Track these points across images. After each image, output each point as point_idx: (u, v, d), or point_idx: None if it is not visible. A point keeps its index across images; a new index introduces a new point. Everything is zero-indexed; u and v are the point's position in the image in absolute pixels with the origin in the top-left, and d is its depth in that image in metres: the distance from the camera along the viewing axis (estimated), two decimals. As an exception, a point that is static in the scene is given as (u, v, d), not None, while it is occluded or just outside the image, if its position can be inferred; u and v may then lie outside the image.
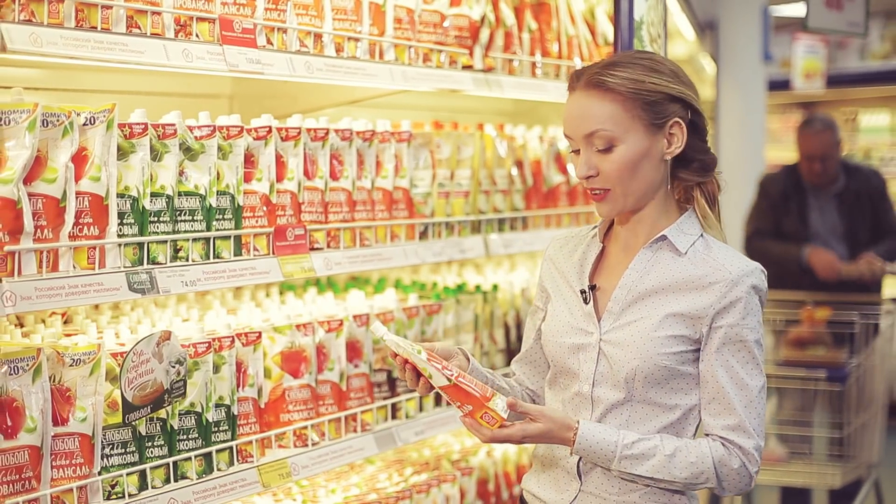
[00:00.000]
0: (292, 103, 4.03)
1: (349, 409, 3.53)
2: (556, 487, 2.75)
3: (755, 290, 2.61)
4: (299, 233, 3.30)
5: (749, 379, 2.60)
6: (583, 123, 2.61)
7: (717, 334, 2.59)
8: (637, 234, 2.71)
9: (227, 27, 3.07)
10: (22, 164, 2.59)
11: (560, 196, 4.49)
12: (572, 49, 4.48)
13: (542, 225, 4.39)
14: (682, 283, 2.63)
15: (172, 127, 2.98)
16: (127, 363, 2.80)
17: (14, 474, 2.62)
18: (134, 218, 2.88)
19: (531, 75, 4.25)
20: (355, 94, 4.04)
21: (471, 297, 4.08)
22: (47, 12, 2.65)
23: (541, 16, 4.33)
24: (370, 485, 3.90)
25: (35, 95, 3.02)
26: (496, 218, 4.13)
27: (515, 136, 4.35)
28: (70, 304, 2.69)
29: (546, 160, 4.44)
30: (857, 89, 12.69)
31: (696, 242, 2.68)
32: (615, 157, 2.60)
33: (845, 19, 7.20)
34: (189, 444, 3.05)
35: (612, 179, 2.61)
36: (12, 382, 2.65)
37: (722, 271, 2.60)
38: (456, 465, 4.22)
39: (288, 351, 3.35)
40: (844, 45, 12.69)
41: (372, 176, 3.60)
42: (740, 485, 2.60)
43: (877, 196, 6.78)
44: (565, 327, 2.74)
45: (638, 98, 2.61)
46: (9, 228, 2.57)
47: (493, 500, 4.26)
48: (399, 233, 3.69)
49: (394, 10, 3.62)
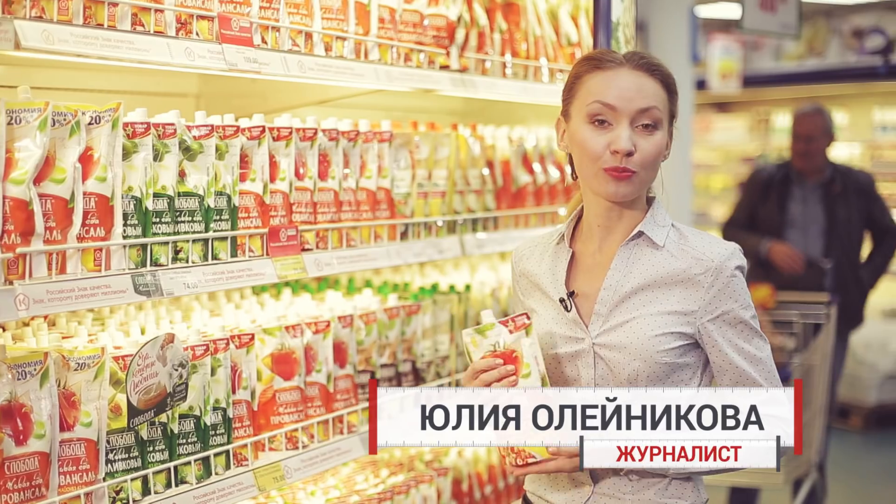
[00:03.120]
0: (261, 103, 3.99)
1: (336, 410, 3.51)
2: (566, 490, 2.73)
3: (737, 269, 2.64)
4: (291, 233, 3.27)
5: (758, 351, 2.64)
6: (639, 97, 2.61)
7: (716, 325, 2.61)
8: (614, 232, 2.71)
9: (225, 25, 3.03)
10: (34, 163, 2.53)
11: (527, 196, 4.51)
12: (539, 49, 4.49)
13: (512, 225, 4.39)
14: (666, 277, 2.64)
15: (172, 127, 2.94)
16: (133, 367, 2.75)
17: (24, 482, 2.57)
18: (137, 219, 2.83)
19: (501, 75, 4.26)
20: (328, 93, 4.01)
21: (447, 297, 4.08)
22: (57, 9, 2.59)
23: (510, 16, 4.34)
24: (349, 486, 3.87)
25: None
26: (470, 218, 4.13)
27: (485, 136, 4.35)
28: (79, 307, 2.63)
29: (515, 160, 4.45)
30: (772, 90, 12.92)
31: (669, 233, 2.69)
32: (655, 140, 2.62)
33: (778, 21, 7.33)
34: (188, 448, 3.00)
35: (646, 162, 2.61)
36: (20, 388, 2.59)
37: (704, 261, 2.62)
38: (430, 466, 4.22)
39: (278, 353, 3.32)
40: (759, 47, 12.90)
41: (356, 176, 3.58)
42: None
43: (869, 195, 6.88)
44: (554, 338, 2.72)
45: (673, 93, 2.68)
46: (21, 230, 2.51)
47: (467, 501, 4.26)
48: (382, 233, 3.67)
49: (377, 9, 3.61)
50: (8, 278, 2.49)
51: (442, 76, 3.89)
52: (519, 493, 4.52)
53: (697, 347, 2.66)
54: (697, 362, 2.67)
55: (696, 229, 2.74)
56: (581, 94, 2.67)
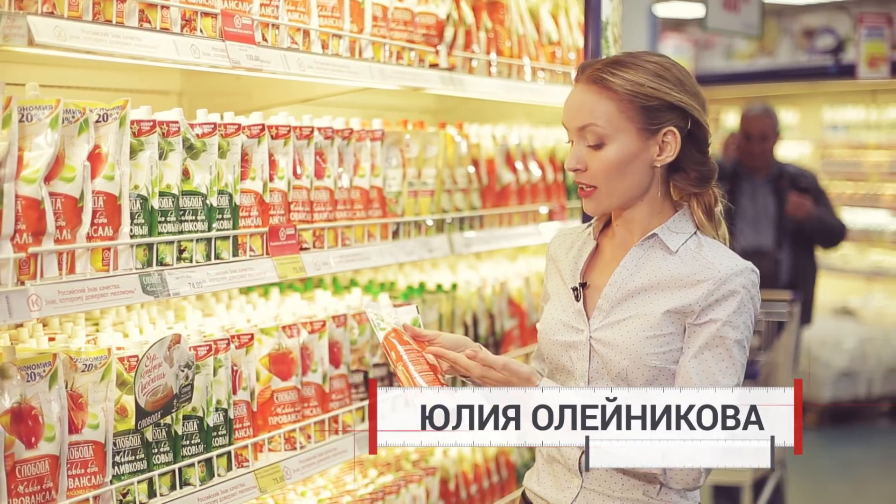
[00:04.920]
0: (245, 101, 3.95)
1: (331, 410, 3.48)
2: (558, 485, 2.74)
3: (745, 289, 2.59)
4: (290, 233, 3.25)
5: (721, 377, 2.57)
6: (577, 116, 2.62)
7: (699, 330, 2.58)
8: (632, 232, 2.72)
9: (228, 22, 2.99)
10: (45, 162, 2.48)
11: (510, 195, 4.51)
12: (522, 48, 4.49)
13: (497, 223, 4.39)
14: (671, 280, 2.63)
15: (176, 125, 2.90)
16: (141, 368, 2.72)
17: (35, 485, 2.52)
18: (144, 218, 2.79)
19: (487, 74, 4.25)
20: (314, 91, 3.99)
21: (435, 296, 4.07)
22: (67, 4, 2.55)
23: (495, 14, 4.33)
24: (339, 487, 3.85)
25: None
26: (458, 217, 4.12)
27: (470, 135, 4.34)
28: (89, 308, 2.59)
29: (499, 159, 4.45)
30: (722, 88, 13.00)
31: (688, 241, 2.67)
32: (603, 156, 2.61)
33: (741, 21, 7.40)
34: (192, 449, 2.97)
35: (598, 177, 2.62)
36: (29, 390, 2.55)
37: (711, 269, 2.60)
38: (417, 466, 4.21)
39: (275, 353, 3.29)
40: (710, 46, 13.00)
41: (350, 175, 3.56)
42: (689, 481, 2.57)
43: (815, 190, 7.11)
44: (557, 324, 2.74)
45: (635, 100, 2.60)
46: (33, 229, 2.46)
47: (454, 500, 4.25)
48: (374, 232, 3.66)
49: (371, 7, 3.59)
50: (20, 279, 2.45)
51: (432, 74, 3.88)
52: (503, 492, 4.53)
53: None
54: None
55: (720, 244, 2.70)
56: None
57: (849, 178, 12.10)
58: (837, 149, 12.48)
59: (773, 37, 12.35)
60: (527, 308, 4.68)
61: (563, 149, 5.03)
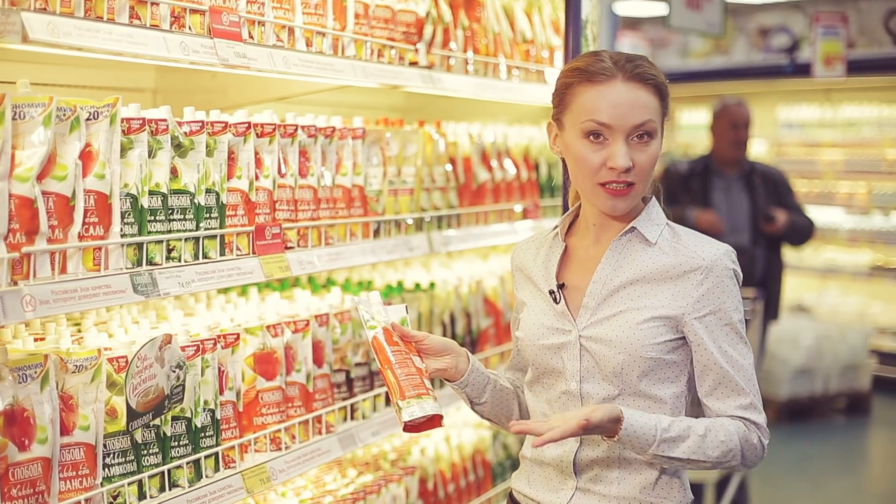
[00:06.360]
0: (222, 98, 3.92)
1: (315, 410, 3.46)
2: (550, 487, 2.73)
3: (729, 271, 2.64)
4: (276, 231, 3.22)
5: (741, 358, 2.63)
6: (633, 113, 2.58)
7: (703, 323, 2.61)
8: (609, 229, 2.73)
9: (216, 19, 2.97)
10: (38, 160, 2.44)
11: (486, 193, 4.50)
12: (497, 46, 4.48)
13: (473, 222, 4.38)
14: (656, 273, 2.65)
15: (164, 123, 2.87)
16: (131, 368, 2.69)
17: (28, 488, 2.49)
18: (134, 217, 2.76)
19: (464, 72, 4.24)
20: (290, 89, 3.96)
21: (414, 294, 4.05)
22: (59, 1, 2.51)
23: (471, 12, 4.32)
24: (320, 486, 3.83)
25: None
26: (436, 215, 4.10)
27: (447, 133, 4.33)
28: (82, 308, 2.55)
29: (475, 157, 4.44)
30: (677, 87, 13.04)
31: (663, 231, 2.71)
32: (651, 151, 2.62)
33: (704, 19, 7.44)
34: (180, 450, 2.94)
35: (643, 173, 2.62)
36: (21, 391, 2.51)
37: (695, 259, 2.63)
38: (396, 465, 4.19)
39: (260, 353, 3.27)
40: (665, 44, 13.06)
41: (333, 173, 3.53)
42: (758, 459, 2.64)
43: (784, 186, 7.27)
44: (541, 329, 2.74)
45: (665, 95, 2.66)
46: (26, 229, 2.42)
47: (433, 500, 4.24)
48: (356, 231, 3.64)
49: (353, 4, 3.56)
50: (13, 279, 2.41)
51: (412, 72, 3.86)
52: (479, 490, 4.52)
53: (684, 346, 2.66)
54: (685, 360, 2.67)
55: (691, 230, 2.75)
56: (574, 108, 2.65)
57: (803, 175, 12.20)
58: (792, 147, 12.58)
59: (728, 35, 12.42)
60: (502, 307, 4.68)
61: (536, 147, 5.02)
